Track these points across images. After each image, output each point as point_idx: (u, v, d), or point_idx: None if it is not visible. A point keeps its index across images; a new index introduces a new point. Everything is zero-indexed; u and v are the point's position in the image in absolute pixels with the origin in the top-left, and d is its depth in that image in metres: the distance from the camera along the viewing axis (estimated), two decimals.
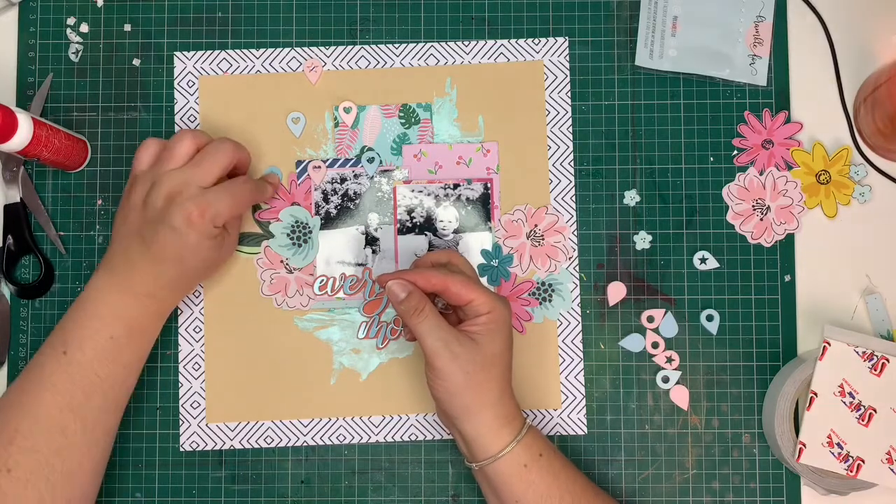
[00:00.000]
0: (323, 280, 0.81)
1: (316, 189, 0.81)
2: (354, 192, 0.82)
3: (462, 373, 0.69)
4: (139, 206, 0.71)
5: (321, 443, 0.80)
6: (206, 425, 0.80)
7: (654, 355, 0.80)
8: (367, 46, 0.83)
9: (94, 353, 0.70)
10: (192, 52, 0.83)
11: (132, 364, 0.73)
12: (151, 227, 0.70)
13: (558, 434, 0.80)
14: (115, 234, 0.73)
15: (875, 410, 0.74)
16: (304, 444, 0.80)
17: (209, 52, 0.83)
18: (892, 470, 0.74)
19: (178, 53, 0.83)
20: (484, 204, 0.81)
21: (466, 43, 0.83)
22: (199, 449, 0.80)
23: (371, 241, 0.81)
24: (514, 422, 0.71)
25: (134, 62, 0.83)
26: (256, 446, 0.80)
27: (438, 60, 0.83)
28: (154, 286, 0.71)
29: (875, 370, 0.75)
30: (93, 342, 0.70)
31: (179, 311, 0.81)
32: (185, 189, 0.70)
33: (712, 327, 0.80)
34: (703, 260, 0.81)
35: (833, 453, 0.74)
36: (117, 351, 0.71)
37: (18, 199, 0.81)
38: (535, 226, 0.81)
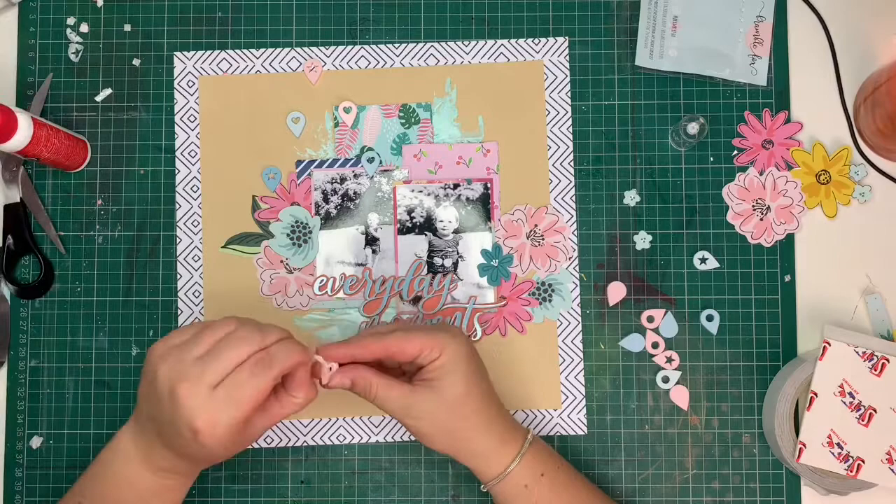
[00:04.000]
0: (323, 280, 0.81)
1: (316, 189, 0.81)
2: (354, 192, 0.82)
3: (431, 426, 0.68)
4: (151, 400, 0.63)
5: (321, 443, 0.80)
6: None
7: (654, 355, 0.80)
8: (367, 46, 0.83)
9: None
10: (192, 52, 0.83)
11: None
12: (161, 427, 0.63)
13: (558, 434, 0.80)
14: (139, 397, 0.66)
15: (875, 410, 0.74)
16: (304, 444, 0.80)
17: (209, 52, 0.83)
18: (892, 470, 0.74)
19: (178, 53, 0.83)
20: (484, 204, 0.81)
21: (466, 43, 0.83)
22: None
23: (371, 241, 0.81)
24: (512, 440, 0.70)
25: (134, 62, 0.83)
26: (256, 446, 0.80)
27: (438, 60, 0.83)
28: (174, 463, 0.66)
29: (875, 370, 0.74)
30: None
31: (179, 312, 0.81)
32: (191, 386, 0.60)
33: (712, 327, 0.80)
34: (703, 260, 0.81)
35: (833, 453, 0.74)
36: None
37: (18, 199, 0.81)
38: (535, 226, 0.81)
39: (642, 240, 0.81)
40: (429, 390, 0.68)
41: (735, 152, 0.82)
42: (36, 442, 0.80)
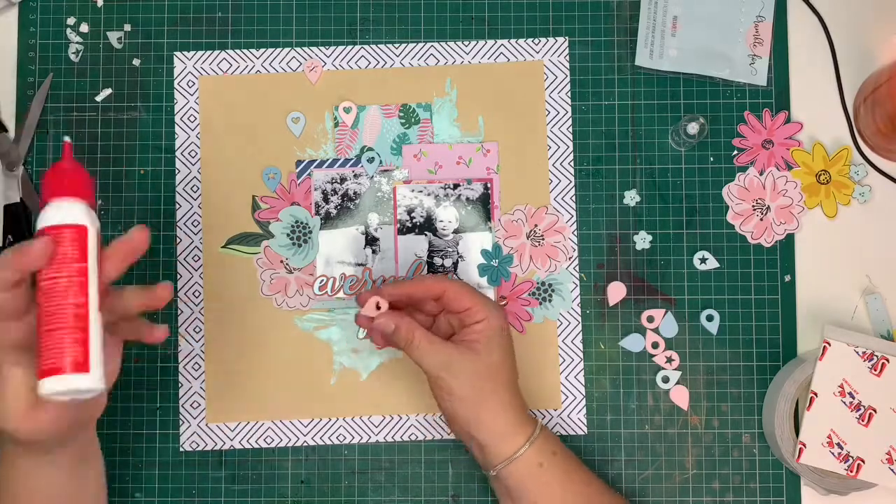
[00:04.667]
0: (323, 280, 0.81)
1: (316, 189, 0.81)
2: (354, 192, 0.82)
3: (468, 387, 0.69)
4: None
5: (321, 443, 0.80)
6: (206, 425, 0.80)
7: (654, 355, 0.80)
8: (367, 46, 0.83)
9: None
10: (192, 52, 0.83)
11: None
12: None
13: (558, 434, 0.80)
14: None
15: (875, 410, 0.74)
16: (304, 444, 0.80)
17: (209, 52, 0.83)
18: (892, 470, 0.74)
19: (178, 53, 0.83)
20: (484, 204, 0.81)
21: (466, 43, 0.83)
22: (199, 449, 0.80)
23: (371, 241, 0.81)
24: (526, 424, 0.71)
25: (134, 62, 0.83)
26: (256, 446, 0.80)
27: (438, 60, 0.83)
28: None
29: (875, 370, 0.74)
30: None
31: (179, 311, 0.81)
32: None
33: (712, 327, 0.80)
34: (703, 260, 0.81)
35: (833, 453, 0.74)
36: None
37: (18, 200, 0.81)
38: (535, 226, 0.81)
39: (642, 240, 0.81)
40: (471, 351, 0.69)
41: (735, 152, 0.82)
42: None
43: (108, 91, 0.83)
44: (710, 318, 0.80)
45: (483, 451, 0.71)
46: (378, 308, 0.69)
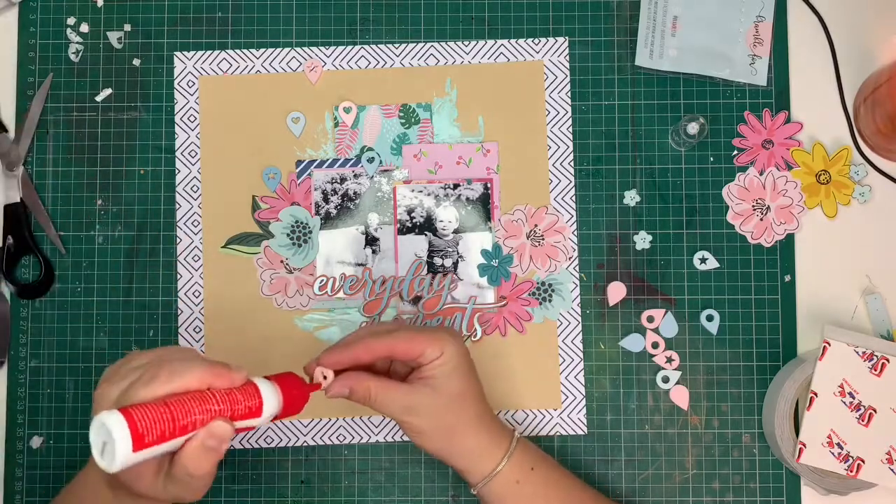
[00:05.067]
0: (323, 280, 0.81)
1: (316, 189, 0.81)
2: (354, 192, 0.82)
3: (433, 423, 0.69)
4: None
5: (321, 443, 0.80)
6: None
7: (654, 355, 0.80)
8: (367, 46, 0.83)
9: None
10: (192, 52, 0.83)
11: None
12: None
13: (558, 434, 0.80)
14: None
15: (875, 410, 0.74)
16: (304, 444, 0.80)
17: (209, 52, 0.83)
18: (892, 470, 0.74)
19: (178, 53, 0.83)
20: (484, 204, 0.81)
21: (466, 43, 0.83)
22: None
23: (371, 241, 0.81)
24: (501, 440, 0.71)
25: (134, 62, 0.83)
26: (256, 446, 0.80)
27: (438, 60, 0.83)
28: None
29: (875, 370, 0.74)
30: None
31: (179, 311, 0.81)
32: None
33: (712, 327, 0.80)
34: (703, 260, 0.81)
35: (833, 453, 0.74)
36: None
37: (18, 199, 0.81)
38: (535, 226, 0.81)
39: (642, 240, 0.81)
40: (429, 388, 0.69)
41: (735, 152, 0.82)
42: (36, 442, 0.80)
43: (108, 91, 0.83)
44: (710, 318, 0.80)
45: (462, 474, 0.71)
46: (325, 378, 0.67)
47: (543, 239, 0.81)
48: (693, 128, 0.78)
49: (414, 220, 0.81)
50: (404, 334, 0.69)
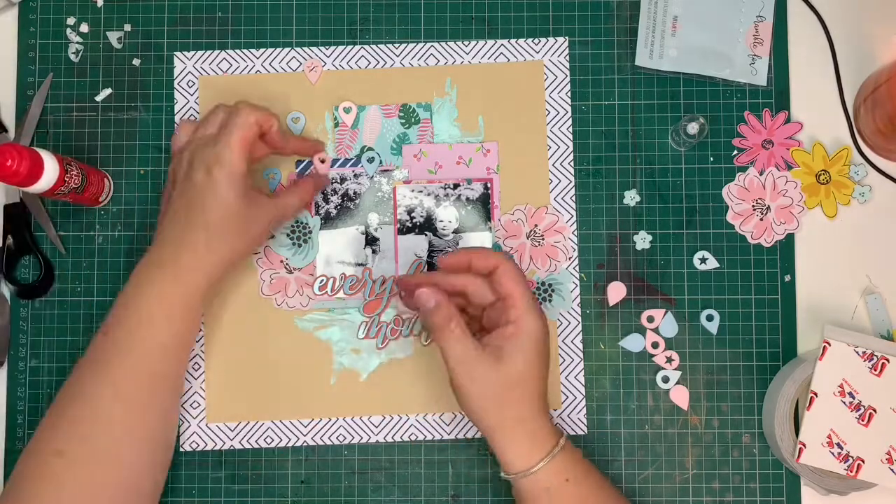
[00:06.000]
0: (323, 280, 0.81)
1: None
2: (354, 192, 0.82)
3: (480, 395, 0.68)
4: (177, 181, 0.72)
5: (321, 443, 0.80)
6: (206, 425, 0.80)
7: (654, 355, 0.80)
8: (367, 46, 0.83)
9: (147, 356, 0.70)
10: (192, 52, 0.83)
11: (185, 347, 0.72)
12: (182, 189, 0.71)
13: None
14: (161, 222, 0.72)
15: (875, 410, 0.74)
16: (304, 444, 0.80)
17: (209, 52, 0.83)
18: (892, 470, 0.74)
19: (178, 53, 0.83)
20: (484, 204, 0.81)
21: (466, 43, 0.83)
22: (199, 449, 0.80)
23: (371, 241, 0.81)
24: (545, 442, 0.69)
25: (134, 62, 0.83)
26: (256, 446, 0.80)
27: (438, 60, 0.83)
28: (202, 254, 0.70)
29: (875, 370, 0.75)
30: (144, 348, 0.69)
31: None
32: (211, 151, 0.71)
33: (712, 327, 0.80)
34: (703, 260, 0.81)
35: (833, 453, 0.74)
36: (170, 350, 0.71)
37: (18, 199, 0.81)
38: (535, 226, 0.81)
39: (642, 240, 0.81)
40: (493, 357, 0.67)
41: (735, 152, 0.82)
42: None
43: (108, 91, 0.83)
44: (710, 318, 0.80)
45: (496, 456, 0.70)
46: (322, 162, 0.78)
47: (543, 239, 0.81)
48: (693, 128, 0.78)
49: (414, 220, 0.81)
50: (513, 265, 0.70)
